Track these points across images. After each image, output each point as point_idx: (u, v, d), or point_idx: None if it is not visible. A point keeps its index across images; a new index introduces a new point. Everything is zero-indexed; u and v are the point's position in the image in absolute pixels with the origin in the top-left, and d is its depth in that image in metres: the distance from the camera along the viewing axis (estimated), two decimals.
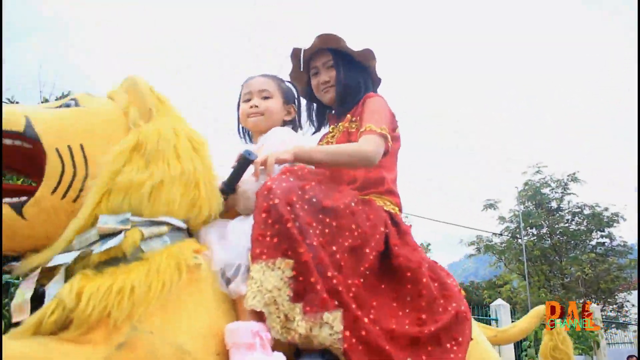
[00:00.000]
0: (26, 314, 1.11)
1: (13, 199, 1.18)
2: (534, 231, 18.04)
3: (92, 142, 1.27)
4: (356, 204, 1.54)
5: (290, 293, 1.26)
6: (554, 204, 17.78)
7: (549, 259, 17.48)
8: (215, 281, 1.31)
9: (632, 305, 16.66)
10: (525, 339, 6.86)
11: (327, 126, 2.03)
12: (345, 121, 1.85)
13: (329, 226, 1.41)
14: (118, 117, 1.35)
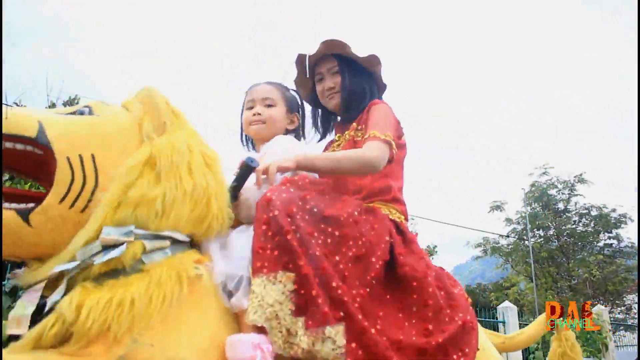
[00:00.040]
0: (24, 328, 1.09)
1: (20, 205, 1.16)
2: (541, 233, 18.00)
3: (104, 152, 1.25)
4: (360, 213, 1.51)
5: (292, 307, 1.24)
6: (560, 205, 17.73)
7: (556, 261, 17.41)
8: (217, 292, 1.29)
9: None
10: None
11: (332, 133, 2.00)
12: (351, 130, 1.83)
13: (331, 236, 1.38)
14: (132, 128, 1.33)
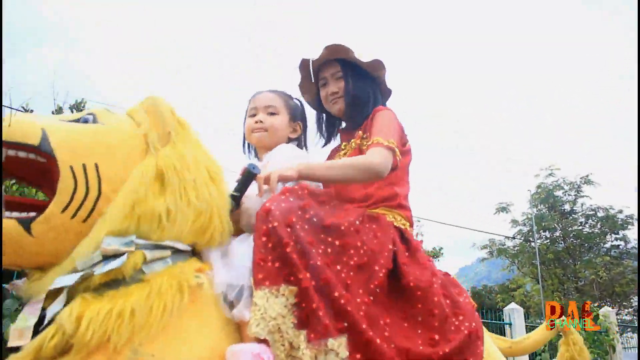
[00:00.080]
0: (26, 340, 1.08)
1: (22, 214, 1.15)
2: (547, 234, 17.94)
3: (107, 161, 1.23)
4: (362, 221, 1.50)
5: (295, 320, 1.23)
6: (567, 207, 17.66)
7: (563, 262, 17.35)
8: (218, 301, 1.27)
9: None
10: None
11: (336, 137, 2.00)
12: (357, 138, 1.81)
13: (331, 245, 1.37)
14: (136, 137, 1.32)
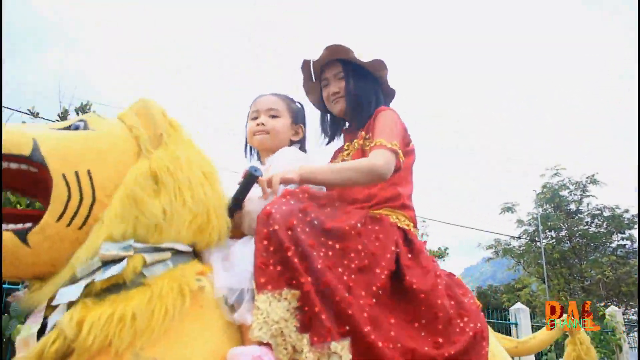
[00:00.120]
0: (32, 347, 1.09)
1: (17, 226, 1.14)
2: (553, 234, 17.87)
3: (100, 167, 1.23)
4: (364, 224, 1.49)
5: (297, 324, 1.23)
6: (572, 207, 17.60)
7: (569, 262, 17.29)
8: (220, 304, 1.27)
9: None
10: None
11: (340, 136, 1.99)
12: (359, 138, 1.80)
13: (332, 249, 1.37)
14: (128, 141, 1.31)
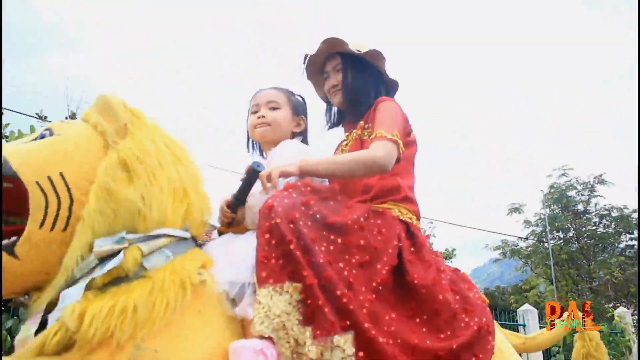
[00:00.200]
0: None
1: (4, 241, 1.17)
2: (561, 234, 17.77)
3: (70, 168, 1.25)
4: (367, 218, 1.49)
5: (300, 317, 1.23)
6: (580, 207, 17.49)
7: (577, 263, 17.17)
8: (221, 298, 1.27)
9: None
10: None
11: (342, 128, 1.98)
12: (358, 128, 1.79)
13: (334, 243, 1.36)
14: (93, 138, 1.33)
